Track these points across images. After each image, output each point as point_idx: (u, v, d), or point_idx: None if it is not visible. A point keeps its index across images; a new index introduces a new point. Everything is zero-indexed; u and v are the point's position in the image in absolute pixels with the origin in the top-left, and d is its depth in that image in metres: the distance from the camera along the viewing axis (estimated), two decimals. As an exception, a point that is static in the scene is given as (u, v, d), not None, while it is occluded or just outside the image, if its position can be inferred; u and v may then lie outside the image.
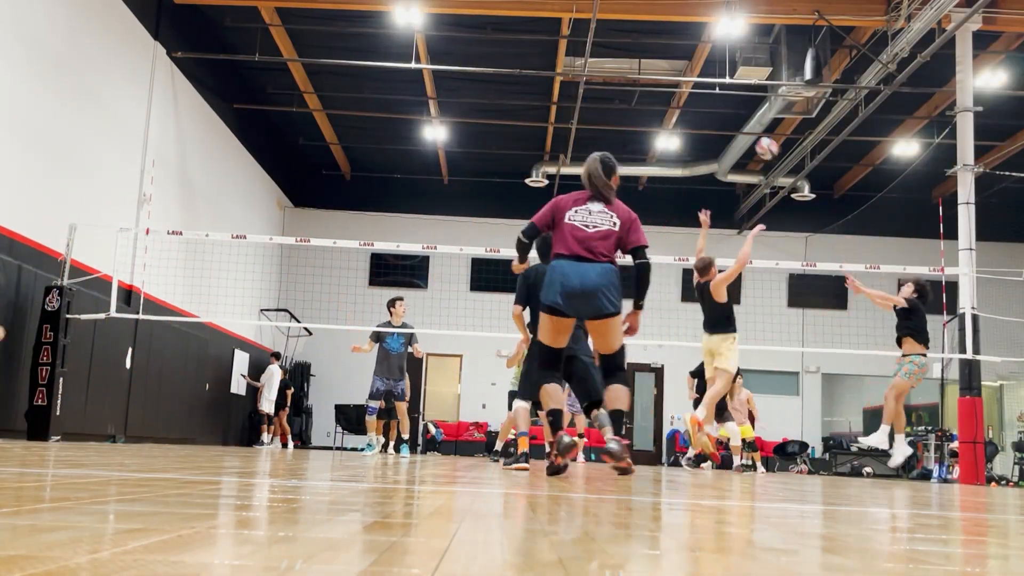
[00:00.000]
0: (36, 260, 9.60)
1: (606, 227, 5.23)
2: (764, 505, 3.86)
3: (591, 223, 5.22)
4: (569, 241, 5.18)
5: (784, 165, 17.26)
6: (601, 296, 5.10)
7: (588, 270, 5.11)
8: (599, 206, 5.30)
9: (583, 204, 5.31)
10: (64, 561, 1.21)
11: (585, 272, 5.10)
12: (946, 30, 11.51)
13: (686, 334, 18.31)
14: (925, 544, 2.16)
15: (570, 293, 5.10)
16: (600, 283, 5.09)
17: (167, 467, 4.43)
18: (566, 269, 5.13)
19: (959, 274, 11.68)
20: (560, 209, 5.31)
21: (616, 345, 5.29)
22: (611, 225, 5.24)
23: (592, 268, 5.11)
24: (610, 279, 5.14)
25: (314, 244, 11.98)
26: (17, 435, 8.93)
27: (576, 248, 5.16)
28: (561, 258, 5.19)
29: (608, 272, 5.15)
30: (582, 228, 5.21)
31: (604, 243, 5.20)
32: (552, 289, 5.15)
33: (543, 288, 5.23)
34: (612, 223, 5.25)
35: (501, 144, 18.66)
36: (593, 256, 5.15)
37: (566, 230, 5.22)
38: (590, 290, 5.08)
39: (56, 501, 2.15)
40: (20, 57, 9.32)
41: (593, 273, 5.10)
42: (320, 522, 1.98)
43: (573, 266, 5.12)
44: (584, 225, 5.22)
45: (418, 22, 12.91)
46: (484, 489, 3.93)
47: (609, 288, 5.12)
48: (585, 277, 5.09)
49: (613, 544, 1.82)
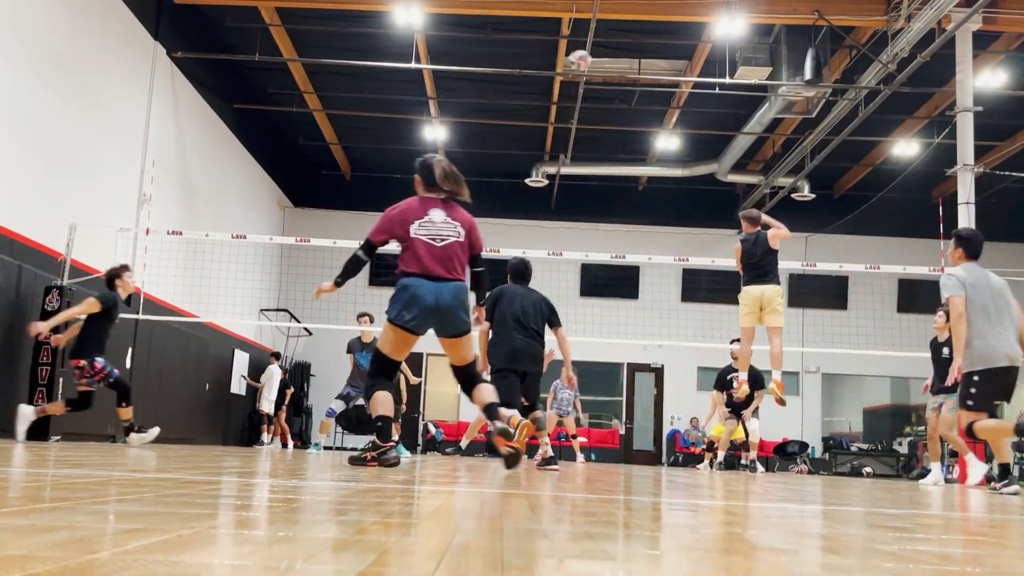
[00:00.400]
0: (36, 260, 9.60)
1: (453, 238, 5.27)
2: (764, 505, 3.86)
3: (439, 236, 5.23)
4: (423, 259, 5.17)
5: (784, 165, 17.26)
6: (456, 316, 5.20)
7: (443, 291, 5.15)
8: (440, 215, 5.30)
9: (424, 216, 5.28)
10: (64, 561, 1.21)
11: (441, 293, 5.14)
12: (946, 30, 11.51)
13: (686, 334, 18.35)
14: (925, 544, 2.16)
15: (424, 314, 5.14)
16: (454, 304, 5.17)
17: (167, 467, 4.42)
18: (420, 290, 5.13)
19: (959, 274, 11.66)
20: (402, 223, 5.27)
21: (470, 356, 5.41)
22: (457, 236, 5.28)
23: (447, 288, 5.16)
24: (462, 299, 5.24)
25: (314, 244, 11.99)
26: (17, 435, 8.93)
27: (430, 266, 5.17)
28: (413, 276, 5.17)
29: (461, 291, 5.23)
30: (432, 243, 5.21)
31: (458, 255, 5.26)
32: (406, 308, 5.14)
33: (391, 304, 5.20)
34: (458, 233, 5.29)
35: (501, 144, 18.66)
36: (447, 274, 5.19)
37: (417, 247, 5.19)
38: (445, 311, 5.16)
39: (56, 501, 2.15)
40: (20, 57, 9.32)
41: (448, 295, 5.16)
42: (320, 522, 1.98)
43: (427, 286, 5.14)
44: (432, 240, 5.22)
45: (418, 22, 12.91)
46: (484, 489, 3.93)
47: (462, 308, 5.23)
48: (441, 299, 5.13)
49: (613, 544, 1.82)
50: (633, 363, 20.12)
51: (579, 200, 20.20)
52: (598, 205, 20.33)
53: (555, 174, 18.50)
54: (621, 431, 19.92)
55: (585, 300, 19.70)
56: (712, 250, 19.81)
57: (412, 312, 5.12)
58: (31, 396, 9.04)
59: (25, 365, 9.19)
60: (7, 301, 9.01)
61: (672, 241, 19.55)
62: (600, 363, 20.32)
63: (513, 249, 16.68)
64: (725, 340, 18.14)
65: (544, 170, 18.44)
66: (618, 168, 18.76)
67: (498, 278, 7.52)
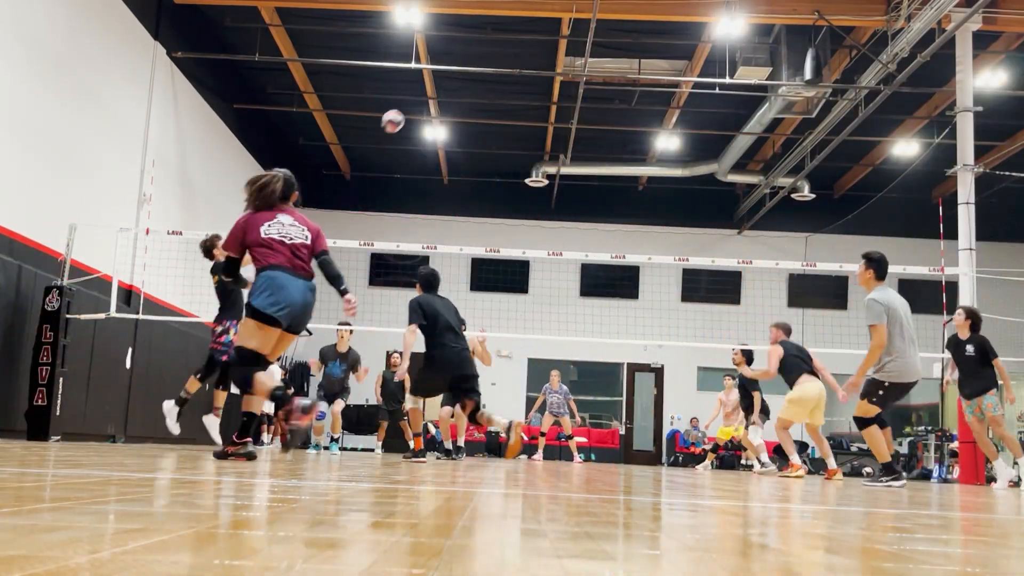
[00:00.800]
0: (36, 260, 9.59)
1: (300, 239, 5.46)
2: (764, 505, 3.86)
3: (287, 235, 5.41)
4: (278, 252, 5.32)
5: (784, 165, 17.27)
6: (309, 314, 5.51)
7: (303, 287, 5.36)
8: (289, 219, 5.52)
9: (274, 218, 5.46)
10: (64, 561, 1.21)
11: (303, 289, 5.35)
12: (946, 30, 11.51)
13: (686, 334, 18.35)
14: (925, 544, 2.16)
15: (291, 309, 5.29)
16: (310, 301, 5.44)
17: (167, 467, 4.43)
18: (286, 282, 5.25)
19: (959, 274, 11.68)
20: (252, 228, 5.41)
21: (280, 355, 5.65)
22: (304, 238, 5.49)
23: (306, 285, 5.39)
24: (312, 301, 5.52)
25: (314, 244, 11.96)
26: (17, 435, 8.93)
27: (288, 260, 5.32)
28: (277, 269, 5.28)
29: (313, 291, 5.50)
30: (283, 240, 5.38)
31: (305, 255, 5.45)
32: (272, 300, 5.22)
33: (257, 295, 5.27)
34: (305, 235, 5.51)
35: (501, 144, 18.66)
36: (302, 271, 5.40)
37: (272, 243, 5.34)
38: (308, 308, 5.43)
39: (56, 501, 2.15)
40: (20, 57, 9.32)
41: (308, 291, 5.40)
42: (320, 522, 1.98)
43: (292, 281, 5.29)
44: (284, 237, 5.39)
45: (418, 22, 12.91)
46: (484, 489, 3.93)
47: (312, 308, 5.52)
48: (304, 295, 5.36)
49: (613, 544, 1.82)
50: (633, 363, 20.12)
51: (579, 200, 20.20)
52: (598, 205, 20.33)
53: (555, 174, 18.50)
54: (621, 431, 19.92)
55: (585, 300, 19.70)
56: (712, 250, 19.83)
57: (281, 305, 5.23)
58: (31, 396, 9.04)
59: (25, 365, 9.19)
60: (7, 301, 9.00)
61: (672, 241, 19.55)
62: (600, 363, 20.34)
63: (513, 249, 16.74)
64: (725, 340, 18.14)
65: (544, 170, 18.45)
66: (618, 168, 18.77)
67: (495, 277, 7.69)
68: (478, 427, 10.07)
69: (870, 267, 7.14)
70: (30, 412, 9.03)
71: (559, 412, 14.21)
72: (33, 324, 9.28)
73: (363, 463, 7.20)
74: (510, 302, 18.81)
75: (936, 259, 14.08)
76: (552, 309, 17.86)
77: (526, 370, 19.83)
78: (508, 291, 19.63)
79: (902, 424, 20.06)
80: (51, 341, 9.19)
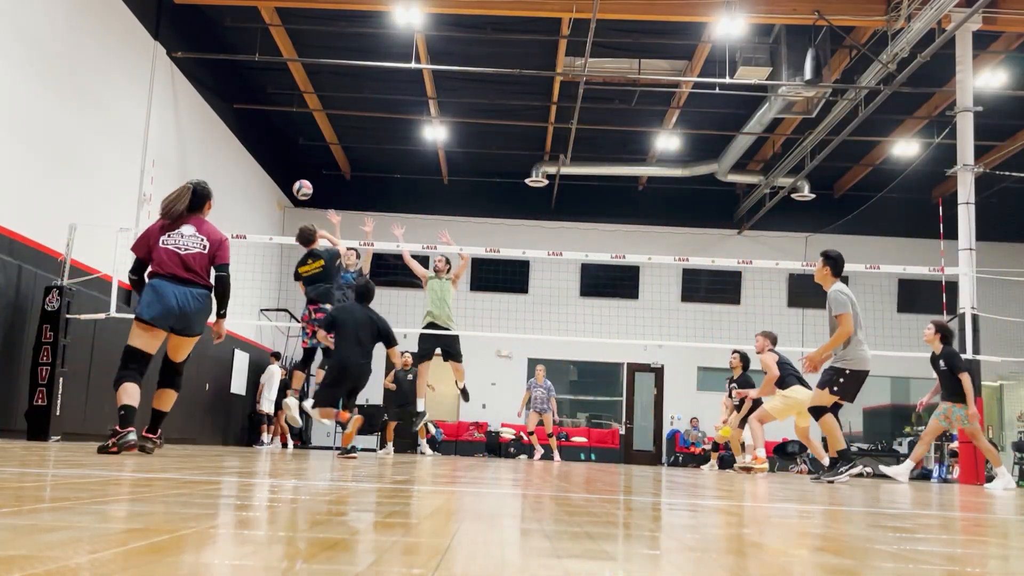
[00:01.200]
0: (36, 260, 9.59)
1: (197, 249, 5.83)
2: (764, 505, 3.86)
3: (182, 246, 5.82)
4: (166, 263, 5.75)
5: (784, 165, 17.27)
6: (195, 319, 5.83)
7: (187, 294, 5.74)
8: (191, 229, 5.90)
9: (176, 229, 5.87)
10: (64, 561, 1.21)
11: (185, 295, 5.73)
12: (946, 30, 11.51)
13: (686, 334, 18.35)
14: (925, 544, 2.16)
15: (168, 314, 5.70)
16: (197, 307, 5.79)
17: (167, 467, 4.43)
18: (164, 290, 5.71)
19: (959, 274, 11.68)
20: (152, 235, 5.87)
21: (185, 356, 6.03)
22: (202, 248, 5.85)
23: (191, 292, 5.76)
24: (205, 304, 5.86)
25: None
26: (17, 435, 8.93)
27: (175, 269, 5.75)
28: (161, 277, 5.74)
29: (204, 297, 5.84)
30: (177, 251, 5.79)
31: (199, 264, 5.82)
32: (151, 307, 5.69)
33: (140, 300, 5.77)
34: (203, 246, 5.86)
35: (501, 144, 18.66)
36: (191, 277, 5.77)
37: (162, 253, 5.78)
38: (189, 313, 5.76)
39: (56, 501, 2.15)
40: (20, 57, 9.32)
41: (191, 298, 5.75)
42: (320, 522, 1.98)
43: (173, 287, 5.72)
44: (178, 248, 5.80)
45: (418, 22, 12.91)
46: (484, 489, 3.93)
47: (202, 312, 5.86)
48: (185, 301, 5.73)
49: (613, 544, 1.82)
50: (633, 363, 20.11)
51: (579, 200, 20.20)
52: (598, 205, 20.33)
53: (555, 174, 18.50)
54: (621, 431, 19.92)
55: (585, 300, 19.70)
56: (712, 250, 19.83)
57: (155, 309, 5.68)
58: (31, 396, 9.04)
59: (25, 365, 9.19)
60: (7, 301, 9.00)
61: (672, 241, 19.55)
62: (600, 363, 20.33)
63: (513, 249, 16.74)
64: (725, 340, 18.14)
65: (544, 170, 18.44)
66: (618, 168, 18.77)
67: (495, 277, 7.78)
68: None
69: (827, 264, 7.45)
70: (30, 412, 9.04)
71: (542, 408, 14.28)
72: (33, 324, 9.28)
73: (363, 463, 7.20)
74: (510, 302, 18.81)
75: (936, 259, 14.09)
76: (552, 309, 17.86)
77: (526, 370, 19.82)
78: (508, 291, 19.63)
79: (902, 424, 20.06)
80: (51, 341, 9.20)
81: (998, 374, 18.51)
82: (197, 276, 5.78)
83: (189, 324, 5.79)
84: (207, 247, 5.85)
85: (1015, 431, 18.07)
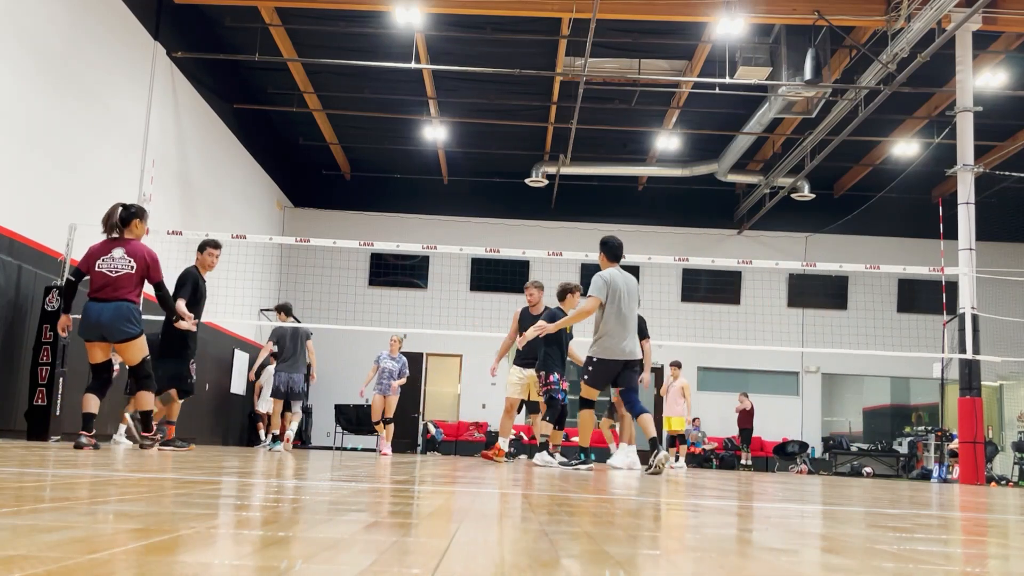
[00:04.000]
0: (36, 260, 9.59)
1: (125, 271, 6.83)
2: (764, 505, 3.86)
3: (114, 268, 6.81)
4: (98, 283, 6.80)
5: (784, 165, 17.27)
6: (118, 327, 6.78)
7: (105, 309, 6.76)
8: (120, 252, 6.86)
9: (108, 252, 6.86)
10: (64, 561, 1.21)
11: (103, 311, 6.76)
12: (946, 30, 11.51)
13: (686, 334, 18.36)
14: (925, 544, 2.16)
15: (92, 328, 6.79)
16: (115, 317, 6.76)
17: (167, 467, 4.43)
18: (91, 309, 6.81)
19: (959, 274, 11.68)
20: (91, 257, 6.88)
21: (138, 359, 6.98)
22: (129, 269, 6.83)
23: (109, 307, 6.76)
24: (123, 314, 6.80)
25: (314, 244, 11.98)
26: (17, 435, 8.93)
27: (104, 292, 6.77)
28: (92, 300, 6.82)
29: (122, 308, 6.79)
30: (106, 274, 6.80)
31: (125, 283, 6.80)
32: (83, 326, 6.84)
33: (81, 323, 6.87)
34: (131, 266, 6.84)
35: (501, 144, 18.66)
36: (119, 295, 6.77)
37: (96, 276, 6.82)
38: (107, 324, 6.76)
39: (56, 501, 2.15)
40: (20, 57, 9.32)
41: (110, 311, 6.75)
42: (320, 522, 1.98)
43: (96, 306, 6.79)
44: (110, 271, 6.81)
45: (418, 22, 12.91)
46: (484, 489, 3.93)
47: (123, 321, 6.79)
48: (103, 315, 6.75)
49: (613, 544, 1.82)
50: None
51: (579, 200, 20.20)
52: (598, 205, 20.33)
53: (555, 174, 18.50)
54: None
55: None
56: (712, 250, 19.84)
57: (84, 327, 6.82)
58: (31, 396, 9.04)
59: (25, 365, 9.19)
60: (7, 301, 9.00)
61: (672, 241, 19.56)
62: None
63: (513, 249, 16.74)
64: (725, 340, 18.14)
65: (544, 170, 18.45)
66: (618, 168, 18.77)
67: (495, 277, 7.88)
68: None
69: (602, 250, 7.74)
70: (30, 412, 9.03)
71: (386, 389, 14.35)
72: (33, 324, 9.28)
73: (363, 463, 7.20)
74: (510, 302, 18.81)
75: (936, 259, 14.08)
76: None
77: (526, 370, 19.83)
78: (508, 291, 19.63)
79: (902, 424, 20.07)
80: (51, 341, 9.19)
81: (998, 374, 18.51)
82: (126, 292, 6.80)
83: (110, 332, 6.77)
84: (135, 267, 6.82)
85: (1015, 431, 18.07)
